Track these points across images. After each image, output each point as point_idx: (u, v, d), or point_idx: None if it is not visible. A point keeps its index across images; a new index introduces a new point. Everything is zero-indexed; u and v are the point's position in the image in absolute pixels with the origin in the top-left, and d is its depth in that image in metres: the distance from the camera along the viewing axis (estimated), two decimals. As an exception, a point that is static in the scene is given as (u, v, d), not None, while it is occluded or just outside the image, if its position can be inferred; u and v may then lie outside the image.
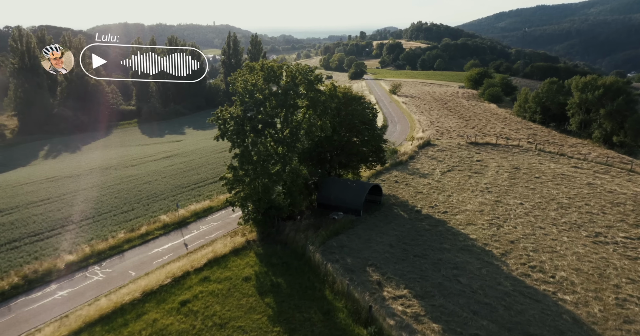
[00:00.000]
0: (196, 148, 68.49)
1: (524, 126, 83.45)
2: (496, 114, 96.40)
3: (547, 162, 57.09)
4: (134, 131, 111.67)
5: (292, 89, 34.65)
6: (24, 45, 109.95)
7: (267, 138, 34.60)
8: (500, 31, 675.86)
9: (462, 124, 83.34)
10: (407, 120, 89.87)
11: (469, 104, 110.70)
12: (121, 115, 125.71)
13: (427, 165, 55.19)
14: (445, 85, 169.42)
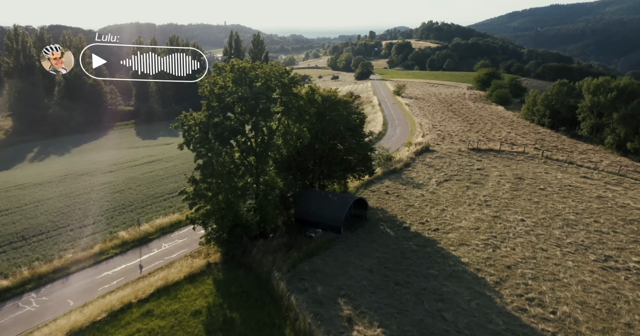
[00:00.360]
0: (182, 153, 64.67)
1: (531, 130, 78.86)
2: (503, 117, 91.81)
3: (554, 171, 52.69)
4: (129, 133, 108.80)
5: (263, 93, 30.92)
6: (20, 44, 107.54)
7: (234, 148, 30.90)
8: (513, 31, 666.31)
9: (465, 128, 78.96)
10: (408, 123, 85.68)
11: (475, 106, 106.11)
12: (119, 115, 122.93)
13: (423, 174, 51.08)
14: (453, 86, 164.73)
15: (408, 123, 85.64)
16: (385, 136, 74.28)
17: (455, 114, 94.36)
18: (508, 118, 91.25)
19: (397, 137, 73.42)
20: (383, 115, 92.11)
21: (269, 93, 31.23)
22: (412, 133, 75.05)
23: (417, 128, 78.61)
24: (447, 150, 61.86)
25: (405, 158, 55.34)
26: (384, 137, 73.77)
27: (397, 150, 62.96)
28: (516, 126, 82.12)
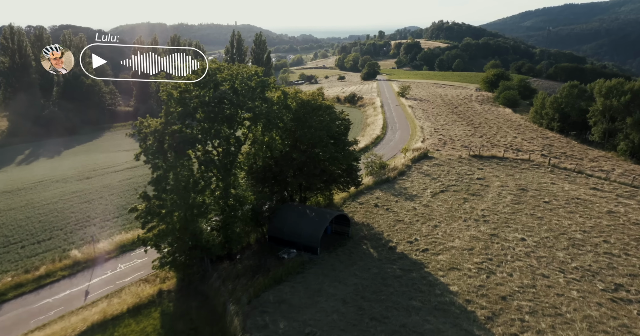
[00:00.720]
0: None
1: (539, 135, 74.48)
2: (510, 121, 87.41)
3: (561, 182, 48.50)
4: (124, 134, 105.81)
5: (227, 98, 27.43)
6: (16, 43, 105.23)
7: (192, 160, 27.42)
8: (525, 31, 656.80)
9: (469, 132, 74.81)
10: (409, 126, 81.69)
11: (481, 109, 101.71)
12: (118, 116, 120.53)
13: (418, 184, 47.19)
14: (461, 86, 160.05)
15: (409, 126, 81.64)
16: (383, 140, 70.44)
17: (460, 117, 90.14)
18: (515, 121, 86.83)
19: (395, 141, 69.52)
20: (384, 118, 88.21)
21: (234, 97, 27.73)
22: (412, 138, 71.12)
23: (418, 132, 74.63)
24: (447, 156, 57.86)
25: (400, 166, 51.48)
26: (382, 141, 69.94)
27: (393, 157, 59.11)
28: (523, 130, 77.75)
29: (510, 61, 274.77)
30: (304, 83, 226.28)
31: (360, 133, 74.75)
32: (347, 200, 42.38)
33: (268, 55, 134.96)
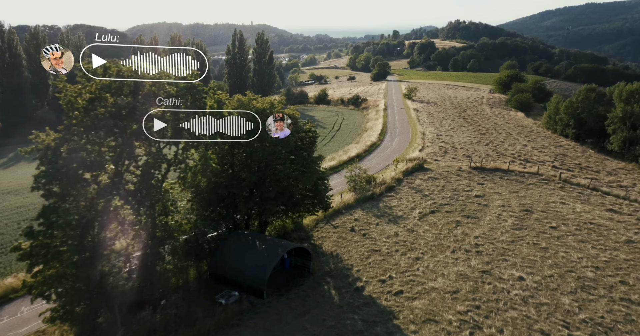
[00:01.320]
0: None
1: (552, 143, 67.65)
2: (521, 126, 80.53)
3: (572, 201, 41.97)
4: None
5: (135, 108, 21.96)
6: (6, 42, 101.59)
7: (91, 186, 21.95)
8: (545, 30, 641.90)
9: (475, 139, 68.33)
10: (410, 132, 75.43)
11: (491, 112, 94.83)
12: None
13: (406, 202, 41.12)
14: (474, 88, 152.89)
15: (410, 132, 75.38)
16: (379, 148, 64.38)
17: (467, 122, 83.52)
18: (527, 127, 79.93)
19: (392, 149, 63.42)
20: (384, 122, 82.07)
21: (145, 107, 22.23)
22: (410, 146, 64.92)
23: (418, 138, 68.36)
24: (445, 168, 51.59)
25: (389, 180, 45.42)
26: (378, 148, 63.86)
27: (385, 168, 53.02)
28: (535, 137, 70.93)
29: (528, 61, 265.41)
30: (313, 83, 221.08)
31: (355, 140, 68.83)
32: (321, 221, 36.57)
33: (271, 55, 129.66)
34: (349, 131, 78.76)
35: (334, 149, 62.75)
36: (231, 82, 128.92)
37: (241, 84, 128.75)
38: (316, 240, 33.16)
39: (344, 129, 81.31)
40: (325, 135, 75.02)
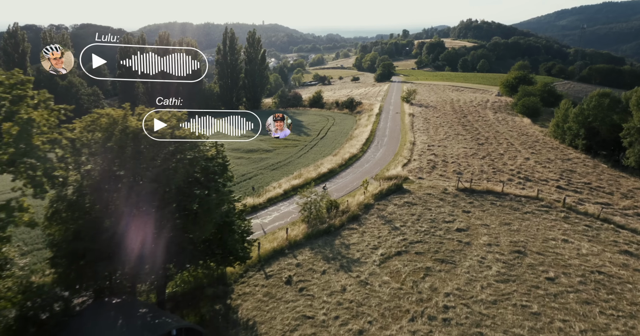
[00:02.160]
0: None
1: (559, 155, 59.05)
2: (525, 135, 71.84)
3: (578, 238, 33.58)
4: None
5: None
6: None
7: None
8: (560, 30, 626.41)
9: (470, 151, 59.99)
10: (400, 141, 67.20)
11: (494, 118, 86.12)
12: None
13: (370, 238, 33.10)
14: (482, 90, 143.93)
15: (400, 141, 67.16)
16: (358, 161, 56.31)
17: (466, 129, 75.04)
18: (532, 136, 71.21)
19: (373, 163, 55.32)
20: (372, 130, 73.91)
21: None
22: (395, 159, 56.74)
23: (406, 149, 60.13)
24: (428, 190, 43.40)
25: (354, 207, 37.34)
26: (357, 162, 55.78)
27: (358, 187, 44.96)
28: (539, 149, 62.31)
29: (541, 62, 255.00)
30: (317, 84, 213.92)
31: (335, 151, 60.80)
32: (252, 268, 28.73)
33: (263, 54, 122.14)
34: (333, 139, 70.78)
35: (306, 163, 54.84)
36: (222, 83, 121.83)
37: (232, 86, 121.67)
38: (235, 299, 25.33)
39: (329, 137, 73.33)
40: (305, 145, 67.18)
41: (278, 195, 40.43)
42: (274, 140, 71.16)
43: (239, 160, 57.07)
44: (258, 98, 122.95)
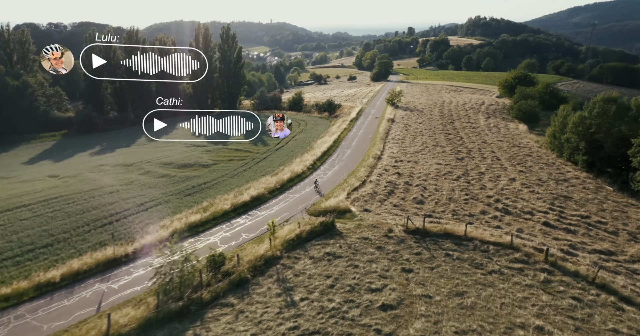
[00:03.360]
0: (59, 198, 38.66)
1: (553, 174, 47.40)
2: (518, 146, 60.12)
3: (560, 323, 22.19)
4: (41, 147, 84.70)
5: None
6: None
7: None
8: (573, 27, 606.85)
9: (445, 168, 48.63)
10: (365, 154, 55.92)
11: (485, 124, 74.34)
12: (55, 124, 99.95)
13: (245, 325, 22.10)
14: (482, 90, 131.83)
15: (364, 155, 55.87)
16: (300, 183, 44.95)
17: (449, 139, 63.52)
18: (525, 147, 59.46)
19: (319, 185, 44.08)
20: (338, 139, 62.70)
21: None
22: (348, 179, 45.44)
23: (364, 167, 48.75)
24: (367, 231, 32.12)
25: (245, 265, 26.25)
26: (298, 185, 44.46)
27: (283, 223, 33.82)
28: (531, 165, 50.68)
29: (551, 60, 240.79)
30: (313, 83, 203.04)
31: (278, 169, 49.76)
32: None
33: (239, 52, 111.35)
34: (290, 151, 59.79)
35: (235, 185, 43.99)
36: (195, 84, 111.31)
37: (207, 86, 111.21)
38: None
39: (287, 147, 62.32)
40: (254, 158, 56.36)
41: (153, 242, 29.45)
42: (223, 151, 60.56)
43: (160, 179, 46.38)
44: (234, 99, 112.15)
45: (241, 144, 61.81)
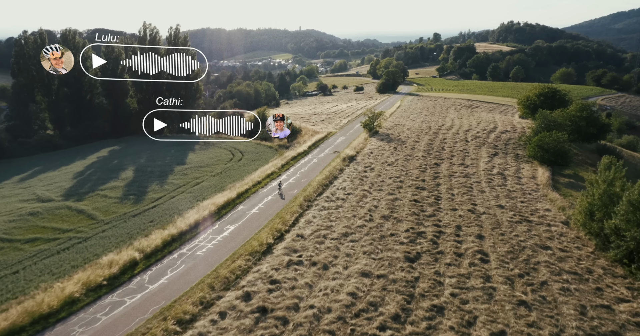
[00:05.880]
0: None
1: (587, 299, 22.21)
2: (529, 220, 34.65)
3: None
4: None
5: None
6: None
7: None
8: (616, 33, 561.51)
9: (373, 287, 24.31)
10: (264, 231, 31.91)
11: (487, 169, 49.07)
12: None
13: None
14: (503, 106, 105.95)
15: (246, 243, 31.82)
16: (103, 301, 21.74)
17: (416, 200, 38.86)
18: (542, 223, 34.06)
19: (126, 311, 20.61)
20: (227, 202, 38.90)
21: None
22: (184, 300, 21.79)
23: (203, 291, 24.96)
24: None
25: None
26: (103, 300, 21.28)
27: None
28: (550, 276, 25.59)
29: (591, 69, 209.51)
30: (317, 94, 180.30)
31: (91, 261, 26.66)
32: None
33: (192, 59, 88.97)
34: (164, 211, 36.70)
35: None
36: (139, 97, 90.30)
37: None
38: None
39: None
40: (68, 239, 33.40)
41: None
42: (40, 219, 37.94)
43: None
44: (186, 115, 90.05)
45: (62, 216, 38.86)
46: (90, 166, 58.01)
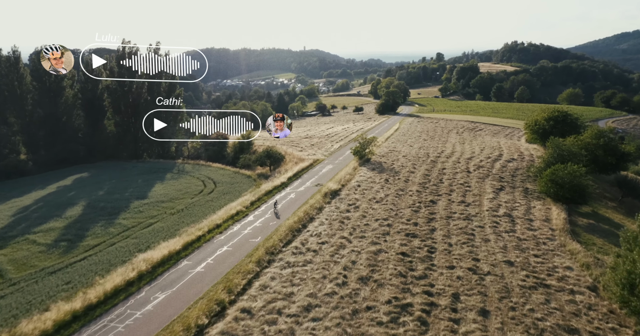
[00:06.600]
0: None
1: None
2: (544, 284, 26.96)
3: None
4: None
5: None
6: None
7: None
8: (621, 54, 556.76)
9: None
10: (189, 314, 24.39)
11: (491, 207, 41.43)
12: None
13: None
14: (509, 129, 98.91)
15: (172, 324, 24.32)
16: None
17: (404, 253, 31.31)
18: (563, 289, 26.40)
19: None
20: (173, 253, 31.50)
21: None
22: None
23: None
24: None
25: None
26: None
27: None
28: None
29: (598, 89, 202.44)
30: (316, 114, 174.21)
31: None
32: None
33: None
34: (91, 266, 29.38)
35: None
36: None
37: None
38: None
39: (95, 259, 31.72)
40: None
41: None
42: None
43: None
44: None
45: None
46: (41, 199, 50.86)
